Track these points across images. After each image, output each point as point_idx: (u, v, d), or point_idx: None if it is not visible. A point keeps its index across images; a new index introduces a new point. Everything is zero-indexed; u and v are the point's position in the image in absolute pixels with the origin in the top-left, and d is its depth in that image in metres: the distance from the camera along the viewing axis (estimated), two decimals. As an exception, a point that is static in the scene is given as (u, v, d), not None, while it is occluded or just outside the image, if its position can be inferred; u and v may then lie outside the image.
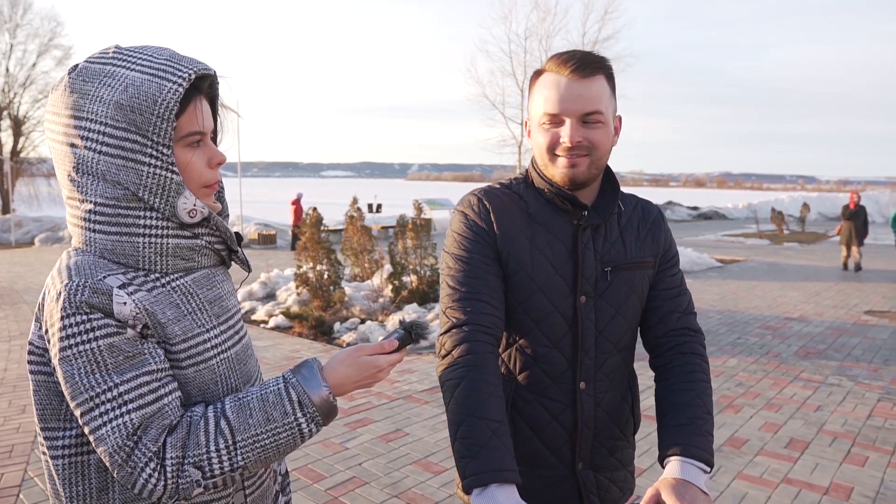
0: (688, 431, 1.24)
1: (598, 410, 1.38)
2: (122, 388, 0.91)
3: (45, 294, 0.96)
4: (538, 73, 1.33)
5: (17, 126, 26.61)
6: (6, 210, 24.36)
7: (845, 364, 6.02)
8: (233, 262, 1.14)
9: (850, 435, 4.29)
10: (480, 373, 1.22)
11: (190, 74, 0.96)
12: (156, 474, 0.90)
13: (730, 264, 13.77)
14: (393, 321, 7.18)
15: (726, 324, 7.74)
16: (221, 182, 1.11)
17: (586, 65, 1.25)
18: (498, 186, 1.41)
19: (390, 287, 8.28)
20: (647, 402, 4.45)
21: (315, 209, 8.52)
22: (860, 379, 5.55)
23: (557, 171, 1.31)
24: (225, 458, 0.94)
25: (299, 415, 0.98)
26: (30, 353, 0.99)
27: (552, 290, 1.34)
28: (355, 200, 9.07)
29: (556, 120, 1.28)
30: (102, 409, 0.90)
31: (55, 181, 28.85)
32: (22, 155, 27.13)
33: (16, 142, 26.73)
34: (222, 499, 1.06)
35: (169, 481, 0.91)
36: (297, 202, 17.20)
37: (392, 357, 1.09)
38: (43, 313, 0.95)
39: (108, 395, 0.90)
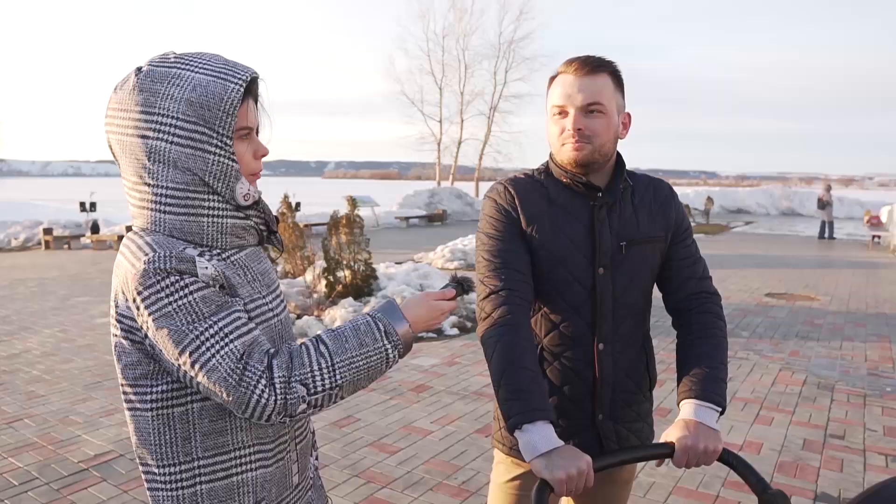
0: (702, 377, 1.42)
1: (615, 368, 1.54)
2: (220, 325, 1.05)
3: (122, 275, 1.07)
4: (554, 76, 1.51)
5: None
6: None
7: (751, 340, 6.62)
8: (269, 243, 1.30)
9: (758, 400, 4.78)
10: (517, 330, 1.41)
11: (247, 77, 1.12)
12: (267, 391, 1.04)
13: (643, 254, 14.55)
14: (331, 315, 7.28)
15: (644, 308, 8.27)
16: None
17: (589, 63, 1.44)
18: (522, 176, 1.59)
19: (324, 283, 8.36)
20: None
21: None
22: (764, 353, 6.13)
23: (565, 156, 1.48)
24: (327, 375, 1.08)
25: (386, 342, 1.14)
26: (118, 324, 1.09)
27: (572, 263, 1.50)
28: (286, 198, 9.09)
29: (562, 111, 1.46)
30: (209, 343, 1.03)
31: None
32: None
33: None
34: (285, 446, 1.22)
35: (279, 396, 1.05)
36: None
37: (452, 303, 1.27)
38: (126, 291, 1.06)
39: (211, 332, 1.04)
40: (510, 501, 1.61)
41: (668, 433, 1.37)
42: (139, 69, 1.10)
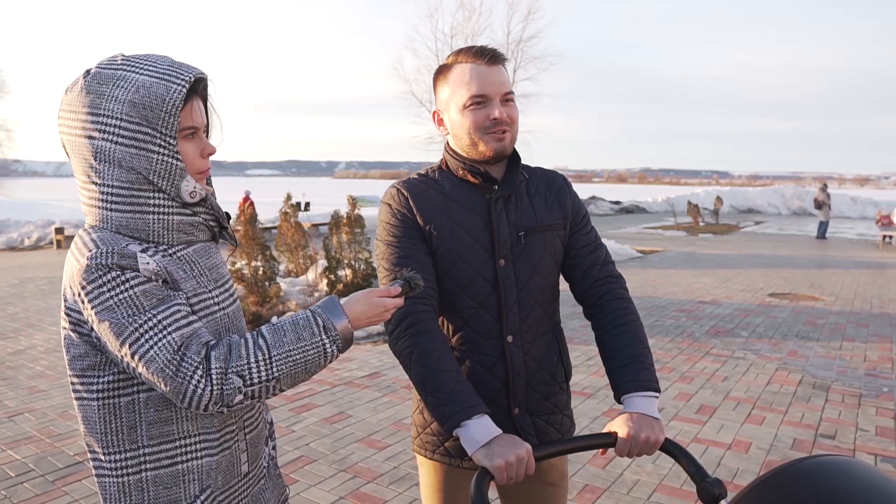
0: (634, 368, 1.45)
1: (527, 360, 1.55)
2: (159, 317, 1.09)
3: (70, 271, 1.12)
4: (447, 67, 1.51)
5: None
6: None
7: (750, 340, 6.60)
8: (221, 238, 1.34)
9: (751, 400, 4.78)
10: (428, 336, 1.42)
11: (190, 77, 1.15)
12: (203, 381, 1.08)
13: (649, 254, 14.52)
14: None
15: (645, 308, 8.27)
16: (210, 169, 1.31)
17: (497, 55, 1.48)
18: (415, 176, 1.59)
19: (325, 281, 8.42)
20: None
21: (252, 205, 8.57)
22: (762, 352, 6.11)
23: (488, 146, 1.48)
24: (263, 368, 1.12)
25: (324, 337, 1.17)
26: (66, 317, 1.14)
27: (473, 257, 1.51)
28: (289, 197, 9.16)
29: (483, 100, 1.45)
30: (147, 335, 1.07)
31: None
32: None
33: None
34: (233, 435, 1.26)
35: (215, 387, 1.09)
36: (247, 199, 16.94)
37: (397, 300, 1.27)
38: (73, 286, 1.10)
39: (150, 324, 1.08)
40: (442, 502, 1.62)
41: (612, 424, 1.40)
42: (87, 71, 1.14)
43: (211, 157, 1.25)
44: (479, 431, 1.30)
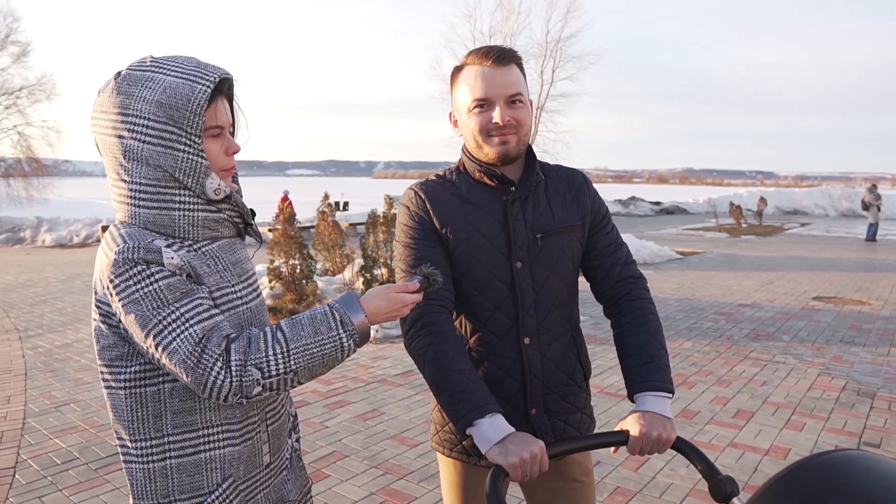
0: (650, 368, 1.44)
1: (544, 361, 1.55)
2: (182, 310, 1.13)
3: (99, 265, 1.16)
4: (459, 68, 1.50)
5: (-25, 124, 26.02)
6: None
7: (791, 344, 6.44)
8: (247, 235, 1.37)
9: (791, 405, 4.67)
10: (442, 336, 1.42)
11: (215, 78, 1.19)
12: (223, 373, 1.11)
13: (689, 256, 14.28)
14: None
15: (683, 310, 8.14)
16: (235, 167, 1.34)
17: (504, 55, 1.45)
18: (433, 178, 1.59)
19: (361, 280, 8.50)
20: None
21: (290, 204, 8.71)
22: (804, 357, 5.96)
23: (492, 149, 1.47)
24: (280, 360, 1.15)
25: (341, 331, 1.19)
26: (97, 309, 1.19)
27: (489, 260, 1.50)
28: (326, 197, 9.27)
29: (486, 103, 1.45)
30: (171, 328, 1.11)
31: (14, 181, 28.31)
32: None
33: (-27, 141, 26.12)
34: (255, 427, 1.29)
35: (234, 378, 1.12)
36: (286, 199, 17.23)
37: (415, 296, 1.28)
38: (102, 279, 1.15)
39: (174, 317, 1.12)
40: (461, 499, 1.64)
41: (623, 422, 1.40)
42: (118, 73, 1.18)
43: (252, 158, 1.28)
44: (491, 430, 1.31)
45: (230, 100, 1.29)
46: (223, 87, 1.24)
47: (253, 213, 1.35)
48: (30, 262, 14.03)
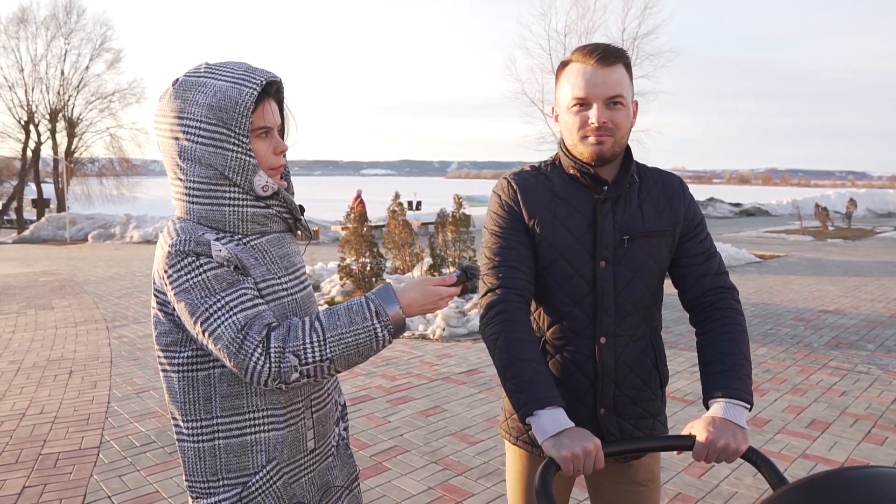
0: (729, 376, 1.39)
1: (618, 363, 1.54)
2: (227, 299, 1.20)
3: (157, 257, 1.26)
4: (564, 64, 1.50)
5: (72, 127, 27.62)
6: (61, 208, 25.43)
7: (876, 354, 6.10)
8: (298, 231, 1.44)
9: (872, 417, 4.43)
10: (515, 325, 1.43)
11: (262, 81, 1.25)
12: (262, 359, 1.18)
13: (768, 259, 13.70)
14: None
15: (759, 315, 7.84)
16: (287, 165, 1.41)
17: (609, 55, 1.43)
18: (528, 168, 1.60)
19: (429, 279, 8.58)
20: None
21: (362, 203, 8.91)
22: (890, 367, 5.63)
23: (586, 149, 1.46)
24: (317, 348, 1.21)
25: (376, 322, 1.24)
26: (154, 297, 1.30)
27: (573, 256, 1.51)
28: (397, 196, 9.42)
29: (584, 103, 1.44)
30: (216, 315, 1.19)
31: (106, 180, 30.06)
32: (76, 155, 28.16)
33: (70, 142, 27.71)
34: (299, 413, 1.35)
35: (273, 364, 1.19)
36: (359, 198, 17.62)
37: (452, 290, 1.32)
38: (159, 270, 1.24)
39: (219, 305, 1.20)
40: (523, 488, 1.65)
41: (692, 426, 1.35)
42: (176, 80, 1.28)
43: (328, 158, 1.35)
44: (549, 422, 1.31)
45: (279, 102, 1.35)
46: (271, 90, 1.30)
47: (302, 209, 1.41)
48: (119, 257, 14.89)
